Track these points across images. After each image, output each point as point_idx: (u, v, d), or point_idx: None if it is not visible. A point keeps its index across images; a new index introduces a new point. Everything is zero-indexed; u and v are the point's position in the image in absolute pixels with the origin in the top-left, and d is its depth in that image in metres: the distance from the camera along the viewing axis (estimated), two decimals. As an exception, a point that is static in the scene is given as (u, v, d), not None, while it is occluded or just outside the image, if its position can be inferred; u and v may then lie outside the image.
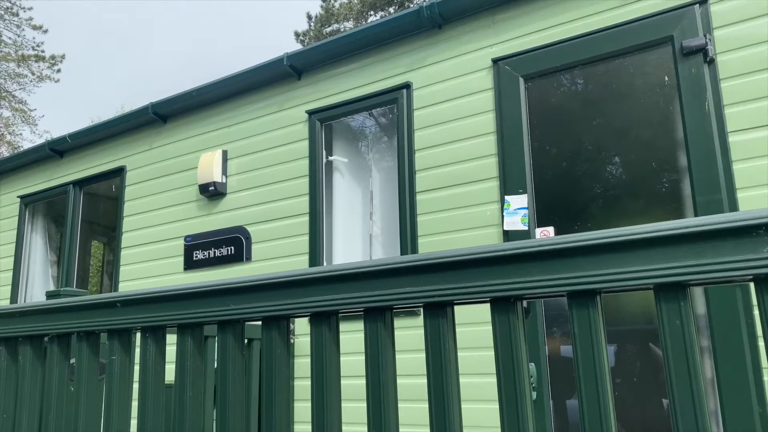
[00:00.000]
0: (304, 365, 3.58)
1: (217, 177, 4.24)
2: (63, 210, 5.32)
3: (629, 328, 3.05)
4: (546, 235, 3.03)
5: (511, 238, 3.07)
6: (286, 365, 1.48)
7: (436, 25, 3.59)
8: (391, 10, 21.81)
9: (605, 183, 3.13)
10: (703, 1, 2.81)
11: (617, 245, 1.09)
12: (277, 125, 4.17)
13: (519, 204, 3.09)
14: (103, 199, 5.78)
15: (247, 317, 1.53)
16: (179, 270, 4.35)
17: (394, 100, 3.69)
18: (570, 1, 3.19)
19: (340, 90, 3.93)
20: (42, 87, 26.59)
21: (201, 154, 4.41)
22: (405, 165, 3.55)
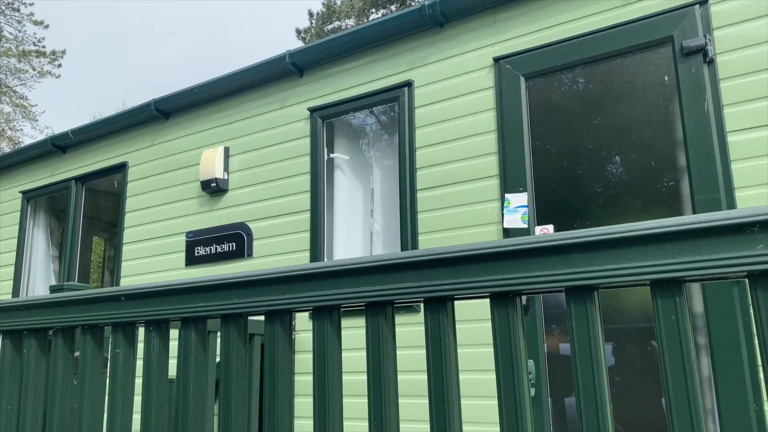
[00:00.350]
0: (304, 361, 3.60)
1: (219, 173, 4.26)
2: (65, 205, 5.34)
3: (629, 327, 3.07)
4: (545, 233, 3.05)
5: (510, 235, 3.09)
6: (289, 358, 1.50)
7: (438, 24, 3.61)
8: (393, 8, 21.80)
9: (605, 182, 3.15)
10: (703, 2, 2.82)
11: (614, 242, 1.11)
12: (278, 122, 4.19)
13: (519, 202, 3.11)
14: (105, 195, 5.80)
15: (250, 311, 1.55)
16: (181, 266, 4.37)
17: (395, 98, 3.71)
18: (571, 0, 3.21)
19: (342, 87, 3.95)
20: (43, 82, 26.62)
21: (203, 151, 4.43)
22: (406, 162, 3.57)
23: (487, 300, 1.26)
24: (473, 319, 2.93)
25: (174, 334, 1.76)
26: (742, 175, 2.64)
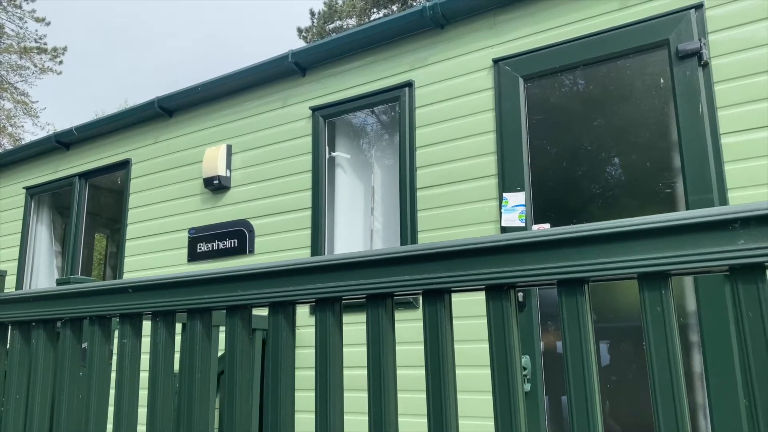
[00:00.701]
0: (304, 356, 3.65)
1: (222, 171, 4.32)
2: (68, 201, 5.40)
3: (625, 325, 3.12)
4: (542, 231, 3.10)
5: (508, 234, 3.14)
6: (292, 348, 1.56)
7: (439, 25, 3.67)
8: (394, 8, 21.84)
9: (601, 182, 3.21)
10: (698, 6, 2.88)
11: (603, 237, 1.17)
12: (281, 121, 4.24)
13: (517, 201, 3.17)
14: (106, 191, 5.85)
15: (254, 303, 1.61)
16: (183, 261, 4.43)
17: (396, 98, 3.76)
18: (570, 3, 3.26)
19: (344, 87, 4.01)
20: (44, 79, 26.64)
21: (206, 148, 4.49)
22: (406, 162, 3.62)
23: (484, 297, 1.32)
24: (471, 316, 2.99)
25: (177, 328, 1.82)
26: (735, 176, 2.69)
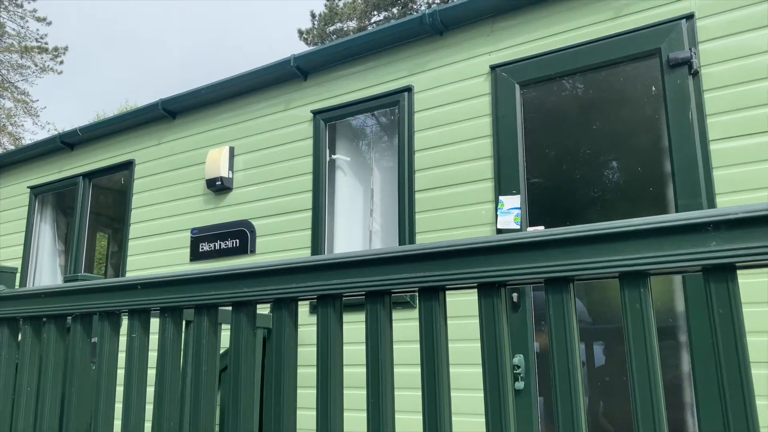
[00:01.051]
0: (305, 354, 3.74)
1: (224, 172, 4.40)
2: (71, 201, 5.47)
3: (620, 326, 3.20)
4: (537, 234, 3.18)
5: (504, 236, 3.22)
6: (294, 343, 1.64)
7: (438, 32, 3.75)
8: (395, 10, 21.96)
9: (594, 186, 3.30)
10: (689, 17, 2.97)
11: (588, 238, 1.25)
12: (282, 124, 4.33)
13: (512, 204, 3.25)
14: (108, 191, 5.93)
15: (258, 299, 1.69)
16: (185, 261, 4.51)
17: (395, 103, 3.85)
18: (565, 12, 3.35)
19: (345, 91, 4.09)
20: (44, 78, 26.70)
21: (209, 150, 4.57)
22: (405, 165, 3.71)
23: (476, 290, 1.40)
24: (466, 315, 3.07)
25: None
26: (723, 182, 2.78)
